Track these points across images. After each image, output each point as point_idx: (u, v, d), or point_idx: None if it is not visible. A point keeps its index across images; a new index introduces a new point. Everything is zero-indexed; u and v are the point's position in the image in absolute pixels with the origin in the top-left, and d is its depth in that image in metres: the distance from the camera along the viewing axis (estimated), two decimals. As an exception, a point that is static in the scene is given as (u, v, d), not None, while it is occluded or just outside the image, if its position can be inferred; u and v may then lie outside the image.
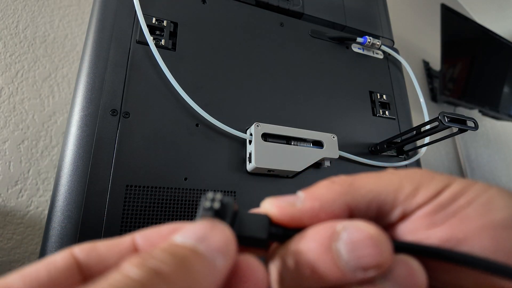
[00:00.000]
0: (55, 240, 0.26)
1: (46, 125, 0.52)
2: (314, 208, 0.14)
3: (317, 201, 0.14)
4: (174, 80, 0.33)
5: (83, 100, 0.31)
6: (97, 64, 0.32)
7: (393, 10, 0.69)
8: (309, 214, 0.14)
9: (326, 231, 0.13)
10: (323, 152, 0.35)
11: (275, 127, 0.34)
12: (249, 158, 0.33)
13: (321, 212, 0.14)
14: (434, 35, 1.26)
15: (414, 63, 1.22)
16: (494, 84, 1.31)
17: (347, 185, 0.14)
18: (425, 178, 0.14)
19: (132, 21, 0.35)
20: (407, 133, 0.40)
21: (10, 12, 0.55)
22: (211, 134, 0.34)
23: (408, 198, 0.14)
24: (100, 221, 0.27)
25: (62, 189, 0.27)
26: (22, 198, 0.47)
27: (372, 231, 0.12)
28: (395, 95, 0.48)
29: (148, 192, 0.29)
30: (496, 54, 1.30)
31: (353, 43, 0.48)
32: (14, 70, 0.52)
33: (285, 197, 0.15)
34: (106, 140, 0.30)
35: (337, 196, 0.14)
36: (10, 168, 0.48)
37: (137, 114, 0.32)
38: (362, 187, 0.14)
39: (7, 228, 0.45)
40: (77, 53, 0.58)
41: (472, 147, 1.24)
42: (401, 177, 0.14)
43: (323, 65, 0.44)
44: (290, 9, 0.46)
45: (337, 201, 0.14)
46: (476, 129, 0.34)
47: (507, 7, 1.54)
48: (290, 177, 0.36)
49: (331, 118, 0.41)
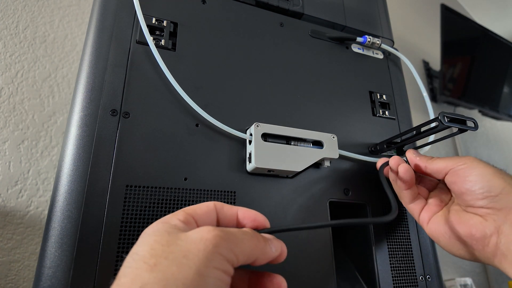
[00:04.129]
0: (55, 240, 0.26)
1: (46, 125, 0.52)
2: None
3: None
4: (174, 80, 0.33)
5: (83, 100, 0.31)
6: (97, 64, 0.32)
7: (393, 10, 0.69)
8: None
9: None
10: (323, 152, 0.35)
11: (275, 127, 0.34)
12: (249, 158, 0.33)
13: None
14: (434, 35, 1.26)
15: (414, 63, 1.21)
16: (494, 84, 1.31)
17: None
18: None
19: (132, 21, 0.35)
20: (407, 133, 0.40)
21: (10, 12, 0.55)
22: (211, 134, 0.34)
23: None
24: (100, 221, 0.27)
25: (62, 189, 0.27)
26: (22, 198, 0.47)
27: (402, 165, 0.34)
28: (395, 95, 0.48)
29: (148, 192, 0.29)
30: (496, 54, 1.30)
31: (353, 43, 0.48)
32: (14, 70, 0.52)
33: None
34: (106, 140, 0.30)
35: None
36: (10, 168, 0.48)
37: (137, 114, 0.32)
38: None
39: (7, 228, 0.45)
40: (77, 53, 0.58)
41: (472, 147, 1.24)
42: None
43: (323, 65, 0.44)
44: (290, 9, 0.46)
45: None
46: (476, 129, 0.34)
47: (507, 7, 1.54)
48: (290, 177, 0.36)
49: (331, 118, 0.41)
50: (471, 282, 0.87)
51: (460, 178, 0.32)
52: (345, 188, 0.38)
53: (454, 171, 0.32)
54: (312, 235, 0.34)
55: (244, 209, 0.25)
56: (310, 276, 0.33)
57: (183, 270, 0.18)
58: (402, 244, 0.39)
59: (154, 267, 0.18)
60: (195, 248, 0.19)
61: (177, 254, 0.18)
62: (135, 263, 0.18)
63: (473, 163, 0.31)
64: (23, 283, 0.44)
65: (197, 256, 0.18)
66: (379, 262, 0.37)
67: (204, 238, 0.19)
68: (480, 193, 0.30)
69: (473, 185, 0.31)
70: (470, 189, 0.31)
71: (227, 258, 0.19)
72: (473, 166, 0.31)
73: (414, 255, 0.39)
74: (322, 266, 0.33)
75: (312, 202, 0.36)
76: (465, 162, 0.32)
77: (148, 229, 0.21)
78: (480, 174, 0.31)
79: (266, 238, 0.23)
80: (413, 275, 0.38)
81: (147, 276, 0.17)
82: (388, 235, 0.39)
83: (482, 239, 0.29)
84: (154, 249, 0.19)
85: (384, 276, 0.36)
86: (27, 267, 0.45)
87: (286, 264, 0.32)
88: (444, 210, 0.35)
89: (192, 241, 0.19)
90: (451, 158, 0.33)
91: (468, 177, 0.31)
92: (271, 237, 0.24)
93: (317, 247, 0.34)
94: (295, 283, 0.32)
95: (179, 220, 0.22)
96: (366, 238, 0.38)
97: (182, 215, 0.22)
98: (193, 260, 0.18)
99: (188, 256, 0.18)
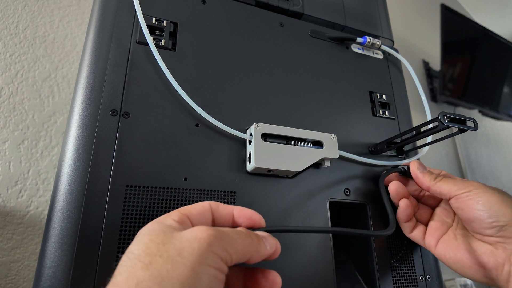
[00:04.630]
0: (55, 240, 0.26)
1: (46, 125, 0.52)
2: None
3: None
4: (174, 80, 0.33)
5: (83, 100, 0.31)
6: (97, 64, 0.32)
7: (393, 10, 0.69)
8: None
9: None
10: (323, 152, 0.35)
11: (275, 127, 0.34)
12: (249, 158, 0.33)
13: None
14: (434, 35, 1.26)
15: (414, 63, 1.22)
16: (494, 84, 1.31)
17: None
18: None
19: (132, 21, 0.35)
20: (407, 133, 0.40)
21: (10, 12, 0.55)
22: (211, 134, 0.34)
23: None
24: (100, 221, 0.27)
25: (62, 189, 0.27)
26: (22, 198, 0.47)
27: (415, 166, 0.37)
28: (395, 95, 0.48)
29: (148, 192, 0.29)
30: (496, 54, 1.30)
31: (353, 43, 0.48)
32: (14, 70, 0.52)
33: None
34: (106, 140, 0.30)
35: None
36: (10, 168, 0.48)
37: (137, 114, 0.32)
38: None
39: (7, 228, 0.45)
40: (77, 53, 0.58)
41: (472, 147, 1.24)
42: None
43: (323, 65, 0.44)
44: (290, 9, 0.46)
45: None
46: (476, 129, 0.34)
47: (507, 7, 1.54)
48: (290, 177, 0.36)
49: (331, 118, 0.41)
50: (471, 282, 0.87)
51: (467, 206, 0.31)
52: (345, 188, 0.38)
53: (460, 198, 0.32)
54: (312, 235, 0.34)
55: (240, 208, 0.26)
56: (310, 276, 0.33)
57: (177, 267, 0.18)
58: (402, 244, 0.39)
59: (149, 265, 0.18)
60: (190, 246, 0.19)
61: (172, 252, 0.19)
62: (130, 262, 0.19)
63: (478, 190, 0.31)
64: (23, 283, 0.44)
65: (192, 254, 0.19)
66: (379, 262, 0.37)
67: (199, 237, 0.20)
68: (489, 223, 0.30)
69: (481, 214, 0.31)
70: (478, 218, 0.31)
71: (221, 257, 0.20)
72: (479, 194, 0.31)
73: (414, 255, 0.39)
74: (322, 266, 0.33)
75: (312, 202, 0.36)
76: (470, 190, 0.32)
77: (143, 229, 0.22)
78: (487, 202, 0.30)
79: (260, 236, 0.24)
80: (413, 275, 0.38)
81: (142, 274, 0.18)
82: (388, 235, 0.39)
83: (495, 268, 0.30)
84: (149, 248, 0.19)
85: (384, 276, 0.36)
86: (27, 267, 0.45)
87: (286, 264, 0.32)
88: (449, 233, 0.35)
89: (186, 240, 0.19)
90: (455, 182, 0.33)
91: (475, 206, 0.31)
92: (266, 235, 0.25)
93: (317, 247, 0.34)
94: (295, 283, 0.32)
95: (173, 220, 0.22)
96: (366, 238, 0.38)
97: (177, 215, 0.23)
98: (187, 258, 0.18)
99: (182, 254, 0.19)
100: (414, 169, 0.37)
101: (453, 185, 0.33)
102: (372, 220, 0.38)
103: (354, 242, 0.41)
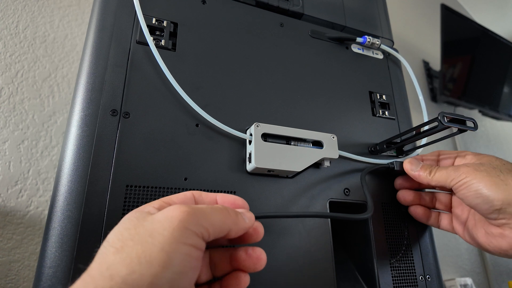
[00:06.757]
0: (55, 240, 0.26)
1: (46, 125, 0.52)
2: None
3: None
4: (174, 80, 0.33)
5: (83, 100, 0.31)
6: (97, 64, 0.32)
7: (393, 10, 0.69)
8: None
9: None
10: (323, 152, 0.35)
11: (275, 127, 0.34)
12: (249, 158, 0.33)
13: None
14: (434, 35, 1.26)
15: (414, 63, 1.22)
16: (494, 84, 1.31)
17: None
18: None
19: (132, 21, 0.35)
20: (407, 133, 0.40)
21: (10, 12, 0.55)
22: (211, 134, 0.34)
23: None
24: (100, 221, 0.27)
25: (62, 189, 0.27)
26: (22, 198, 0.47)
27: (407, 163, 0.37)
28: (395, 95, 0.48)
29: (148, 192, 0.29)
30: (496, 54, 1.30)
31: (352, 43, 0.48)
32: (14, 70, 0.52)
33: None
34: (106, 140, 0.30)
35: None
36: (10, 168, 0.48)
37: (137, 114, 0.32)
38: None
39: (7, 228, 0.45)
40: (77, 53, 0.58)
41: (472, 147, 1.24)
42: None
43: (323, 65, 0.44)
44: (290, 9, 0.46)
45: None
46: (475, 129, 0.34)
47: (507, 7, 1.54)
48: (290, 177, 0.36)
49: (331, 118, 0.41)
50: (471, 282, 0.87)
51: (464, 196, 0.32)
52: (345, 188, 0.38)
53: (456, 190, 0.33)
54: (312, 235, 0.34)
55: (223, 194, 0.26)
56: (310, 275, 0.33)
57: (147, 248, 0.18)
58: (401, 244, 0.39)
59: (120, 249, 0.18)
60: (161, 227, 0.19)
61: (142, 235, 0.19)
62: (104, 249, 0.19)
63: (469, 177, 0.31)
64: (23, 283, 0.44)
65: (162, 234, 0.19)
66: (379, 262, 0.37)
67: (170, 215, 0.20)
68: (486, 209, 0.31)
69: (477, 203, 0.31)
70: (476, 207, 0.31)
71: (196, 232, 0.20)
72: (469, 182, 0.31)
73: (414, 255, 0.39)
74: (322, 266, 0.33)
75: (312, 202, 0.36)
76: (461, 179, 0.32)
77: (122, 219, 0.22)
78: (478, 190, 0.31)
79: (237, 211, 0.24)
80: (413, 275, 0.38)
81: (112, 258, 0.18)
82: (388, 234, 0.39)
83: (511, 248, 0.30)
84: (121, 233, 0.19)
85: (384, 276, 0.36)
86: (27, 267, 0.45)
87: (286, 264, 0.32)
88: (470, 219, 0.36)
89: (157, 221, 0.19)
90: (447, 172, 0.33)
91: (469, 195, 0.31)
92: (242, 210, 0.25)
93: (317, 247, 0.34)
94: (295, 283, 0.32)
95: (153, 207, 0.22)
96: (366, 238, 0.38)
97: (158, 203, 0.23)
98: (157, 239, 0.18)
99: (153, 235, 0.19)
100: (408, 171, 0.37)
101: (446, 176, 0.33)
102: (372, 220, 0.38)
103: (354, 242, 0.41)
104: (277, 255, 0.32)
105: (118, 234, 0.20)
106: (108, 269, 0.17)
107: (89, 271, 0.18)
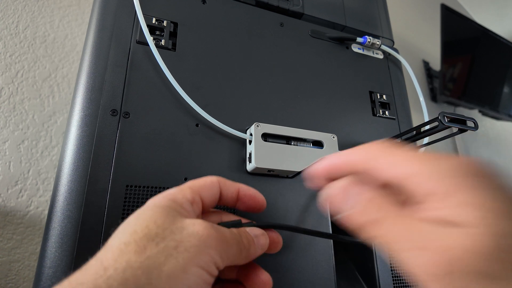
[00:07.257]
0: (55, 240, 0.26)
1: (46, 125, 0.52)
2: None
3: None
4: (174, 80, 0.33)
5: (83, 100, 0.31)
6: (97, 64, 0.32)
7: (393, 10, 0.69)
8: None
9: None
10: (323, 152, 0.35)
11: (275, 127, 0.34)
12: (249, 158, 0.33)
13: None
14: (434, 35, 1.26)
15: (414, 63, 1.22)
16: (494, 84, 1.31)
17: None
18: None
19: (132, 21, 0.35)
20: (407, 133, 0.40)
21: (10, 12, 0.55)
22: (211, 134, 0.34)
23: None
24: (100, 221, 0.27)
25: (62, 189, 0.27)
26: (22, 198, 0.47)
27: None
28: (395, 95, 0.48)
29: (148, 192, 0.29)
30: (496, 54, 1.30)
31: (353, 43, 0.48)
32: (14, 70, 0.52)
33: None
34: (106, 140, 0.30)
35: None
36: (10, 168, 0.48)
37: (137, 114, 0.32)
38: None
39: (7, 228, 0.45)
40: (77, 53, 0.58)
41: (472, 147, 1.25)
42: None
43: (323, 65, 0.44)
44: (290, 9, 0.46)
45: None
46: (476, 129, 0.34)
47: (507, 7, 1.54)
48: (290, 177, 0.36)
49: (331, 118, 0.41)
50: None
51: None
52: (345, 188, 0.38)
53: None
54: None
55: (245, 186, 0.26)
56: (310, 275, 0.32)
57: (170, 262, 0.17)
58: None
59: (143, 251, 0.17)
60: (188, 242, 0.19)
61: (169, 244, 0.18)
62: (124, 238, 0.18)
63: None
64: (23, 283, 0.44)
65: (188, 251, 0.18)
66: (379, 262, 0.37)
67: (200, 234, 0.19)
68: None
69: None
70: None
71: (215, 261, 0.19)
72: None
73: (414, 255, 0.39)
74: (322, 266, 0.33)
75: (312, 202, 0.36)
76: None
77: (151, 201, 0.21)
78: None
79: (250, 240, 0.23)
80: (413, 275, 0.38)
81: (133, 259, 0.17)
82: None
83: None
84: (148, 228, 0.19)
85: (384, 276, 0.36)
86: (27, 267, 0.45)
87: (286, 264, 0.32)
88: None
89: (187, 234, 0.19)
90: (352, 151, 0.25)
91: None
92: (259, 233, 0.24)
93: (317, 247, 0.34)
94: (295, 283, 0.32)
95: (186, 199, 0.22)
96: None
97: (190, 194, 0.22)
98: (182, 255, 0.18)
99: (179, 248, 0.18)
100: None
101: (357, 154, 0.26)
102: (372, 220, 0.38)
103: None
104: (277, 255, 0.32)
105: (144, 227, 0.19)
106: (125, 272, 0.16)
107: (103, 261, 0.17)
